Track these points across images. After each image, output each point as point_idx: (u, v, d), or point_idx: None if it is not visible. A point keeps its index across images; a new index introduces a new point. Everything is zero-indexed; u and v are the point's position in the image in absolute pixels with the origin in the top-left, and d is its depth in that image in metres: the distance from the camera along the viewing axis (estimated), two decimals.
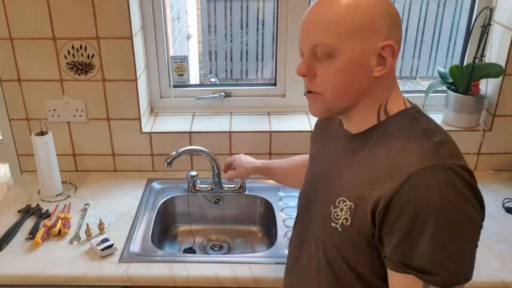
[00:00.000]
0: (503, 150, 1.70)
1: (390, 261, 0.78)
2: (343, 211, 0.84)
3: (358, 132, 0.88)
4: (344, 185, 0.86)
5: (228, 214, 1.67)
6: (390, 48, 0.79)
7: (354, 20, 0.79)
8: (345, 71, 0.81)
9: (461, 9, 5.57)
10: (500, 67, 1.57)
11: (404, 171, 0.75)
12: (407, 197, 0.73)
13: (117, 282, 1.25)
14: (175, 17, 3.90)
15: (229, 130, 1.69)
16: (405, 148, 0.79)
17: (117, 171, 1.75)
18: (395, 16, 0.81)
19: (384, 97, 0.85)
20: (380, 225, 0.77)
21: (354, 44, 0.79)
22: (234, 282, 1.24)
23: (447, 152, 0.76)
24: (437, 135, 0.80)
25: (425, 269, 0.74)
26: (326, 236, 0.88)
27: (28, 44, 1.54)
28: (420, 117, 0.85)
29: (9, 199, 1.58)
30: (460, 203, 0.73)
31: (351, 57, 0.80)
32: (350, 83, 0.82)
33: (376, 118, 0.86)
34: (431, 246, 0.73)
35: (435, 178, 0.73)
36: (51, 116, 1.64)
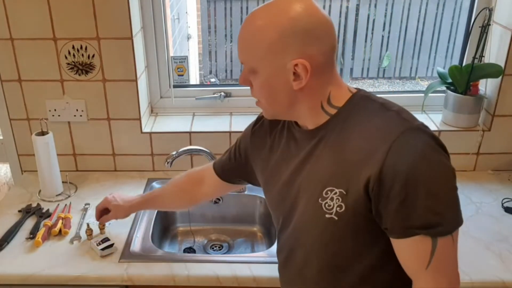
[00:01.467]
0: (502, 150, 1.70)
1: (393, 229, 0.81)
2: (334, 200, 0.85)
3: (316, 127, 0.91)
4: (326, 175, 0.87)
5: (228, 214, 1.67)
6: (302, 66, 0.83)
7: (264, 42, 0.84)
8: (266, 86, 0.88)
9: (460, 10, 5.57)
10: (499, 67, 1.57)
11: (382, 143, 0.80)
12: (393, 165, 0.78)
13: (117, 282, 1.26)
14: (175, 18, 3.90)
15: (229, 130, 1.70)
16: (375, 124, 0.84)
17: (117, 171, 1.76)
18: (311, 31, 0.83)
19: (320, 97, 0.89)
20: (376, 199, 0.81)
21: (267, 63, 0.85)
22: (234, 281, 1.25)
23: (409, 116, 0.84)
24: (394, 106, 0.87)
25: (428, 224, 0.78)
26: (323, 229, 0.89)
27: (28, 45, 1.54)
28: (371, 95, 0.90)
29: (10, 199, 1.58)
30: (438, 156, 0.80)
31: (268, 74, 0.87)
32: (274, 95, 0.89)
33: (325, 114, 0.89)
34: (428, 202, 0.78)
35: (412, 141, 0.79)
36: (52, 116, 1.64)
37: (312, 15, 0.84)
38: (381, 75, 5.99)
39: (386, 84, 5.93)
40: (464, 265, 0.82)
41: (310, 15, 0.83)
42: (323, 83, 0.88)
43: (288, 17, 0.83)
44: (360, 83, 5.89)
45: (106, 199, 1.34)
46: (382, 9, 5.73)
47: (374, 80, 5.94)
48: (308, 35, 0.83)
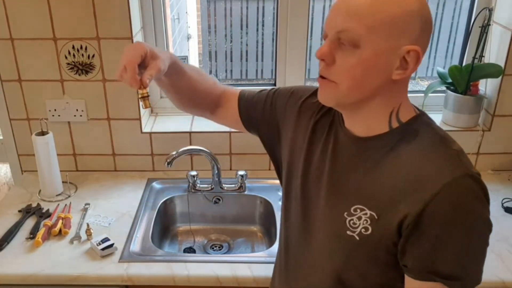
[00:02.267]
0: (502, 150, 1.70)
1: (415, 269, 0.78)
2: (361, 220, 0.81)
3: (367, 136, 0.84)
4: (359, 192, 0.83)
5: (228, 214, 1.67)
6: (415, 54, 0.76)
7: (389, 15, 0.74)
8: (365, 64, 0.76)
9: (460, 9, 5.56)
10: (499, 67, 1.57)
11: (433, 182, 0.75)
12: (438, 208, 0.74)
13: (117, 282, 1.26)
14: (175, 18, 3.90)
15: (229, 130, 1.69)
16: (430, 158, 0.78)
17: (117, 171, 1.76)
18: (429, 23, 0.77)
19: (397, 102, 0.82)
20: (407, 236, 0.77)
21: (381, 39, 0.75)
22: (234, 281, 1.25)
23: (467, 160, 0.78)
24: (454, 144, 0.81)
25: (452, 276, 0.75)
26: (338, 244, 0.86)
27: (28, 44, 1.54)
28: (433, 124, 0.84)
29: (10, 199, 1.58)
30: (482, 210, 0.76)
31: (375, 52, 0.75)
32: (367, 78, 0.77)
33: (387, 124, 0.82)
34: (460, 253, 0.75)
35: (464, 189, 0.74)
36: (52, 116, 1.64)
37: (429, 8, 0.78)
38: None
39: None
40: None
41: (428, 7, 0.78)
42: (405, 86, 0.82)
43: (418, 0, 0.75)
44: None
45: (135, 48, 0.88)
46: None
47: None
48: (426, 25, 0.76)
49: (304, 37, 1.70)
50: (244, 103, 1.08)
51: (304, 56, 1.73)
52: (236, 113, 1.08)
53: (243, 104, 1.08)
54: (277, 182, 1.08)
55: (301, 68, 1.75)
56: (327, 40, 0.78)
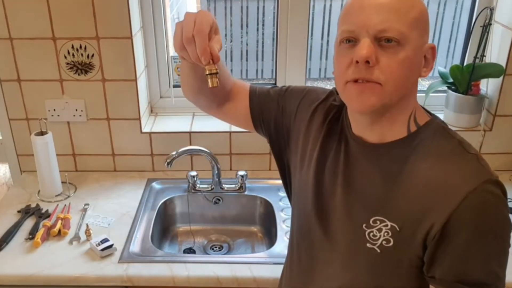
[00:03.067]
0: (504, 150, 1.70)
1: (443, 280, 0.77)
2: (382, 232, 0.79)
3: (381, 143, 0.82)
4: (377, 202, 0.80)
5: (228, 214, 1.66)
6: (433, 51, 0.78)
7: (419, 11, 0.75)
8: (408, 61, 0.74)
9: (462, 9, 5.56)
10: (501, 67, 1.57)
11: (457, 191, 0.73)
12: (465, 217, 0.73)
13: (117, 282, 1.25)
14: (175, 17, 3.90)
15: (229, 130, 1.69)
16: (451, 165, 0.76)
17: (117, 171, 1.75)
18: None
19: (414, 104, 0.81)
20: (433, 247, 0.76)
21: (418, 36, 0.74)
22: (234, 282, 1.24)
23: (486, 164, 0.78)
24: (471, 147, 0.80)
25: (480, 283, 0.75)
26: (359, 257, 0.83)
27: (28, 44, 1.53)
28: (447, 128, 0.83)
29: (9, 199, 1.58)
30: (505, 213, 0.75)
31: (414, 49, 0.74)
32: (410, 76, 0.76)
33: (406, 128, 0.80)
34: (488, 260, 0.74)
35: (489, 195, 0.74)
36: (51, 116, 1.64)
37: None
38: None
39: None
40: None
41: None
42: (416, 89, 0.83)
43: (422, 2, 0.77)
44: None
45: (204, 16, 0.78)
46: None
47: None
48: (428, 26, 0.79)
49: (305, 37, 1.69)
50: (257, 100, 1.00)
51: (305, 55, 1.72)
52: (247, 110, 1.00)
53: (255, 101, 1.00)
54: (278, 182, 1.06)
55: (302, 68, 1.75)
56: (366, 40, 0.73)
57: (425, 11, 0.77)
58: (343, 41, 0.77)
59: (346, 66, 0.76)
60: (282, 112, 0.99)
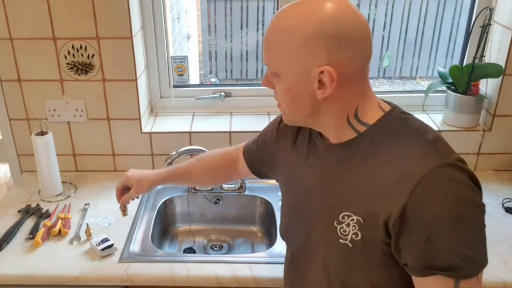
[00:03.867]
0: (503, 150, 1.70)
1: (414, 268, 0.77)
2: (350, 226, 0.81)
3: (340, 142, 0.86)
4: (344, 199, 0.83)
5: (228, 214, 1.67)
6: (328, 74, 0.77)
7: (289, 45, 0.78)
8: (288, 92, 0.83)
9: (461, 9, 5.57)
10: (500, 67, 1.57)
11: (409, 178, 0.74)
12: (420, 203, 0.73)
13: (117, 282, 1.25)
14: (175, 17, 3.90)
15: (229, 130, 1.69)
16: (404, 153, 0.78)
17: (117, 171, 1.75)
18: (341, 37, 0.76)
19: (349, 108, 0.83)
20: (396, 236, 0.76)
21: (291, 68, 0.80)
22: (234, 282, 1.24)
23: (443, 149, 0.78)
24: (429, 133, 0.80)
25: (451, 266, 0.74)
26: (336, 253, 0.85)
27: (28, 44, 1.54)
28: (405, 117, 0.84)
29: (9, 199, 1.58)
30: (468, 195, 0.74)
31: (292, 80, 0.81)
32: (296, 102, 0.84)
33: (352, 130, 0.84)
34: (452, 243, 0.73)
35: (443, 178, 0.74)
36: (51, 116, 1.64)
37: (345, 18, 0.76)
38: (381, 75, 5.99)
39: (387, 84, 5.93)
40: None
41: (343, 18, 0.76)
42: (350, 94, 0.81)
43: (317, 20, 0.75)
44: None
45: (125, 176, 1.24)
46: (382, 8, 5.73)
47: (375, 80, 5.94)
48: (337, 40, 0.76)
49: None
50: (250, 158, 1.15)
51: None
52: (247, 169, 1.17)
53: (249, 159, 1.16)
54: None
55: None
56: (267, 70, 0.86)
57: (299, 43, 0.77)
58: None
59: None
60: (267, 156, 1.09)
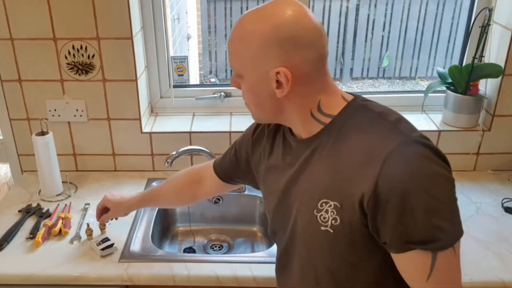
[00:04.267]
0: (502, 150, 1.70)
1: (392, 244, 0.79)
2: (328, 213, 0.84)
3: (309, 136, 0.89)
4: (320, 187, 0.86)
5: (228, 214, 1.67)
6: (283, 74, 0.82)
7: (247, 49, 0.84)
8: (251, 91, 0.89)
9: (461, 10, 5.57)
10: (499, 67, 1.57)
11: (376, 157, 0.78)
12: (388, 180, 0.76)
13: (117, 282, 1.26)
14: (175, 18, 3.90)
15: (229, 130, 1.70)
16: (369, 136, 0.81)
17: (117, 171, 1.76)
18: (295, 40, 0.81)
19: (311, 103, 0.87)
20: (372, 215, 0.79)
21: (251, 70, 0.86)
22: (234, 281, 1.25)
23: (405, 128, 0.81)
24: (391, 115, 0.84)
25: (427, 239, 0.76)
26: (319, 241, 0.88)
27: (28, 44, 1.54)
28: (368, 104, 0.88)
29: (10, 199, 1.58)
30: (434, 168, 0.77)
31: (253, 81, 0.87)
32: (260, 101, 0.89)
33: (318, 123, 0.87)
34: (426, 217, 0.75)
35: (407, 154, 0.77)
36: (52, 116, 1.64)
37: (298, 23, 0.82)
38: (381, 75, 5.99)
39: (386, 84, 5.93)
40: (464, 265, 0.82)
41: (296, 23, 0.82)
42: (311, 91, 0.86)
43: (272, 25, 0.81)
44: (360, 83, 5.90)
45: (105, 198, 1.34)
46: (382, 9, 5.73)
47: (374, 80, 5.94)
48: (291, 43, 0.81)
49: None
50: (222, 168, 1.20)
51: None
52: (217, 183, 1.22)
53: (221, 170, 1.20)
54: None
55: None
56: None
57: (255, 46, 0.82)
58: None
59: None
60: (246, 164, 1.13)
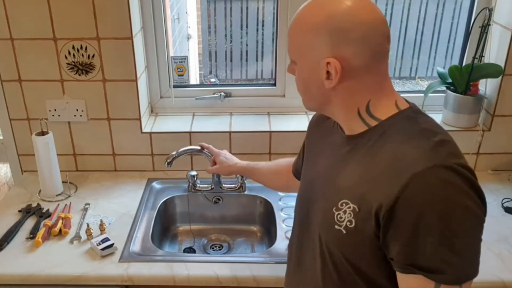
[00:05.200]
0: (502, 150, 1.70)
1: (398, 263, 0.78)
2: (346, 214, 0.83)
3: (352, 134, 0.88)
4: (345, 187, 0.85)
5: (228, 214, 1.67)
6: (333, 65, 0.81)
7: (298, 39, 0.86)
8: (301, 79, 0.90)
9: (460, 10, 5.57)
10: (499, 67, 1.57)
11: (405, 172, 0.75)
12: (410, 199, 0.74)
13: (117, 282, 1.26)
14: (175, 18, 3.90)
15: (229, 130, 1.70)
16: (405, 149, 0.78)
17: (117, 171, 1.76)
18: (346, 32, 0.79)
19: (361, 102, 0.85)
20: (384, 228, 0.77)
21: (304, 57, 0.86)
22: (234, 281, 1.25)
23: (446, 151, 0.77)
24: (437, 135, 0.80)
25: (432, 268, 0.74)
26: (331, 238, 0.88)
27: (28, 45, 1.54)
28: (419, 117, 0.84)
29: (10, 199, 1.58)
30: (461, 200, 0.73)
31: (305, 68, 0.87)
32: (309, 90, 0.90)
33: (363, 124, 0.86)
34: (437, 245, 0.73)
35: (436, 178, 0.73)
36: (52, 116, 1.64)
37: (352, 15, 0.79)
38: None
39: None
40: None
41: (350, 15, 0.79)
42: (360, 89, 0.84)
43: (325, 13, 0.81)
44: None
45: (216, 153, 1.44)
46: (382, 9, 5.68)
47: None
48: (341, 35, 0.80)
49: None
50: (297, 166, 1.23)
51: None
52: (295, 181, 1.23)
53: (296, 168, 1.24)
54: None
55: None
56: None
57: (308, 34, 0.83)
58: None
59: None
60: None
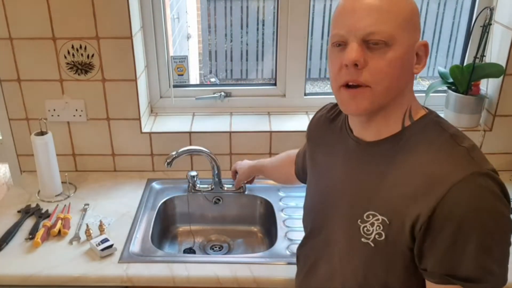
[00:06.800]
0: (504, 150, 1.70)
1: (433, 273, 0.76)
2: (374, 226, 0.81)
3: (375, 140, 0.85)
4: (371, 198, 0.82)
5: (228, 214, 1.66)
6: (425, 47, 0.80)
7: (408, 12, 0.78)
8: (398, 62, 0.77)
9: (462, 9, 5.57)
10: (501, 67, 1.57)
11: (442, 182, 0.73)
12: (450, 208, 0.72)
13: (117, 282, 1.25)
14: (175, 17, 3.90)
15: (229, 130, 1.69)
16: (439, 158, 0.77)
17: (117, 171, 1.75)
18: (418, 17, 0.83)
19: (409, 101, 0.83)
20: (421, 239, 0.76)
21: (407, 36, 0.78)
22: (234, 282, 1.24)
23: (479, 158, 0.77)
24: (465, 140, 0.79)
25: (472, 278, 0.73)
26: (355, 252, 0.85)
27: (28, 44, 1.53)
28: (443, 121, 0.83)
29: (9, 199, 1.58)
30: (500, 207, 0.73)
31: (404, 49, 0.77)
32: (401, 75, 0.79)
33: (401, 123, 0.83)
34: (478, 254, 0.72)
35: (476, 187, 0.73)
36: (51, 116, 1.64)
37: None
38: None
39: None
40: None
41: None
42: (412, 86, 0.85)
43: None
44: None
45: (236, 164, 1.55)
46: None
47: None
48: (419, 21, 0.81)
49: (305, 37, 1.69)
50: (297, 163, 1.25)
51: (305, 55, 1.72)
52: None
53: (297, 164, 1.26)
54: None
55: (302, 68, 1.75)
56: (354, 44, 0.77)
57: (415, 10, 0.80)
58: (334, 44, 0.81)
59: (337, 69, 0.80)
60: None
